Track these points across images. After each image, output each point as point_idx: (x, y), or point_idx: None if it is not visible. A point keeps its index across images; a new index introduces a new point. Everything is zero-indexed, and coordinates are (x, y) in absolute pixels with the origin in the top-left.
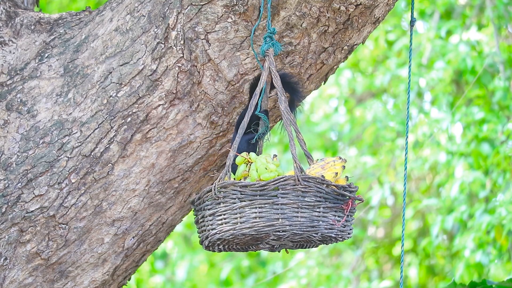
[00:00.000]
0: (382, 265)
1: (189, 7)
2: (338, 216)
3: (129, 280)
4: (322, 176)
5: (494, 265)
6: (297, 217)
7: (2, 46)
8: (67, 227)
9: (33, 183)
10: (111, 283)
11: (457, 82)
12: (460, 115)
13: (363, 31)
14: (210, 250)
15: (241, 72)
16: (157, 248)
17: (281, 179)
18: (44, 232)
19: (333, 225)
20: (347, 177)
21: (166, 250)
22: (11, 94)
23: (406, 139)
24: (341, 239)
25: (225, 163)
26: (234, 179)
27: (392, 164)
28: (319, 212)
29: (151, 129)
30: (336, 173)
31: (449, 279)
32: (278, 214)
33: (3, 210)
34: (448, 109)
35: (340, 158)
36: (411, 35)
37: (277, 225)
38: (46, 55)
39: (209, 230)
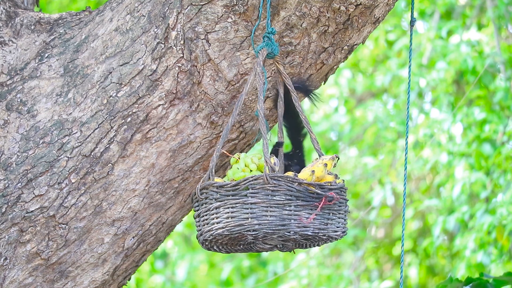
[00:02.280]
0: (382, 265)
1: (189, 7)
2: (315, 215)
3: (129, 280)
4: (295, 174)
5: (495, 265)
6: (267, 216)
7: (2, 46)
8: (67, 227)
9: (33, 183)
10: (111, 283)
11: (457, 82)
12: (461, 115)
13: (363, 31)
14: (210, 250)
15: (241, 72)
16: (157, 248)
17: (251, 179)
18: (44, 232)
19: (308, 223)
20: (336, 174)
21: (166, 249)
22: (11, 94)
23: (406, 140)
24: (325, 238)
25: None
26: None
27: (393, 165)
28: (290, 210)
29: (151, 129)
30: (313, 171)
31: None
32: (248, 213)
33: (3, 210)
34: (449, 110)
35: (336, 156)
36: (411, 35)
37: (246, 224)
38: (46, 55)
39: (198, 231)
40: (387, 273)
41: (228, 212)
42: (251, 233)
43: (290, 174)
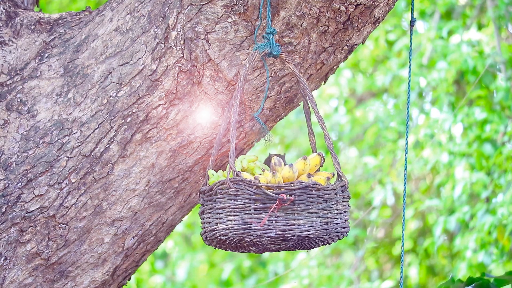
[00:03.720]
0: (382, 265)
1: (189, 7)
2: (276, 216)
3: (129, 280)
4: (256, 177)
5: (495, 265)
6: (231, 220)
7: (2, 46)
8: (67, 227)
9: (33, 183)
10: (111, 283)
11: (458, 82)
12: (462, 115)
13: (363, 31)
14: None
15: None
16: (157, 248)
17: (218, 184)
18: (44, 232)
19: (268, 225)
20: (309, 174)
21: (166, 250)
22: (11, 94)
23: (406, 140)
24: (295, 238)
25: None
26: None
27: (393, 165)
28: (250, 214)
29: (151, 129)
30: (274, 172)
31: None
32: (217, 218)
33: (3, 210)
34: (449, 110)
35: (319, 154)
36: (411, 35)
37: (216, 230)
38: (46, 55)
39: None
40: (387, 273)
41: (206, 218)
42: (223, 238)
43: (247, 176)
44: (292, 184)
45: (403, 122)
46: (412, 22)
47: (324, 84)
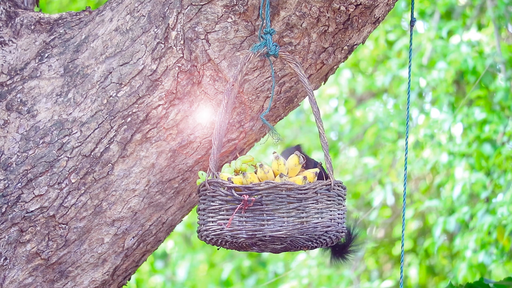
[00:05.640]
0: (382, 265)
1: (189, 7)
2: (247, 217)
3: (129, 280)
4: (229, 179)
5: (495, 265)
6: (209, 221)
7: (2, 46)
8: (67, 227)
9: (33, 183)
10: (111, 283)
11: (457, 83)
12: (462, 115)
13: (363, 31)
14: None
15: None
16: (157, 248)
17: (200, 186)
18: (44, 232)
19: (239, 226)
20: (281, 174)
21: (166, 250)
22: (11, 94)
23: (406, 140)
24: (267, 239)
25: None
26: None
27: (393, 165)
28: (223, 215)
29: (151, 129)
30: (244, 173)
31: (449, 280)
32: (202, 220)
33: (3, 210)
34: (449, 110)
35: (296, 154)
36: (411, 35)
37: (201, 231)
38: (46, 55)
39: None
40: (387, 273)
41: (197, 218)
42: (207, 239)
43: (224, 178)
44: (260, 185)
45: (403, 122)
46: (412, 22)
47: (324, 84)
